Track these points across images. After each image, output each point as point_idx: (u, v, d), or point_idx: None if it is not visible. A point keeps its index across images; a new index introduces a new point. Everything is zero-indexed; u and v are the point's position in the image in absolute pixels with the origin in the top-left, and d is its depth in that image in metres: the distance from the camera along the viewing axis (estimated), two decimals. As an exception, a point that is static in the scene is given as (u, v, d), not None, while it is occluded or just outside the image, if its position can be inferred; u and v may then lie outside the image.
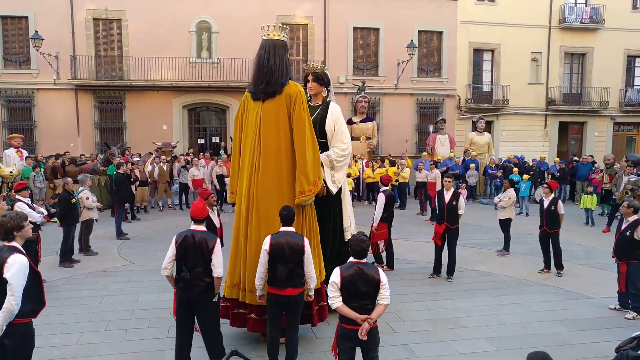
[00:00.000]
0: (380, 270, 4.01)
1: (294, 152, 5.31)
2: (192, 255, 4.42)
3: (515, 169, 15.95)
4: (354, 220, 6.54)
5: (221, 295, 5.12)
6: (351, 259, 4.02)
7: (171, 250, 4.49)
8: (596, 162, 16.34)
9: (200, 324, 4.61)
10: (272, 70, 5.35)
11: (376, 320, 3.92)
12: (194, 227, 4.56)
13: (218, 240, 4.55)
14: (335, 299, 3.90)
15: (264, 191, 5.28)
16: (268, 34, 5.51)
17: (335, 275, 3.93)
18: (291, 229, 4.78)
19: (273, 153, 5.29)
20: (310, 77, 6.20)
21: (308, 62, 6.08)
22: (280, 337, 4.89)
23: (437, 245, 8.18)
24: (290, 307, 4.69)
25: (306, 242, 4.70)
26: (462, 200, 8.20)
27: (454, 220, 8.03)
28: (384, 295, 3.93)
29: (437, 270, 8.19)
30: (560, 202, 8.39)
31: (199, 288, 4.42)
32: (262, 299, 4.86)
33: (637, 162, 14.12)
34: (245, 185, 5.38)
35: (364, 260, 3.99)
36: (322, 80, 6.21)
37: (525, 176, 14.69)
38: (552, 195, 8.39)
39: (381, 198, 8.41)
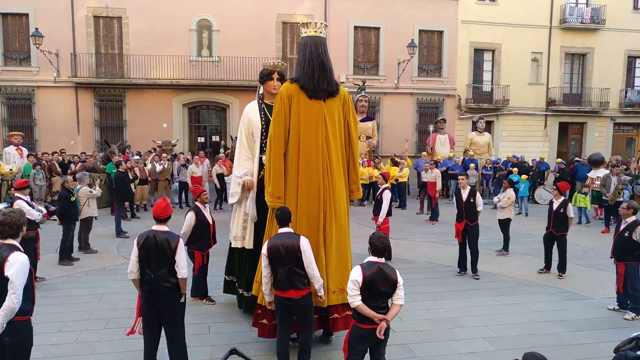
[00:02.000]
0: (397, 270, 4.06)
1: (346, 151, 5.53)
2: (155, 257, 4.29)
3: (515, 169, 15.95)
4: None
5: (187, 298, 4.84)
6: (370, 257, 4.03)
7: (134, 252, 4.34)
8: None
9: (165, 325, 4.47)
10: (331, 69, 5.38)
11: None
12: (155, 227, 4.40)
13: (181, 240, 4.41)
14: (355, 298, 3.90)
15: (338, 191, 5.31)
16: (320, 32, 5.39)
17: (357, 274, 3.92)
18: (289, 230, 4.68)
19: (338, 153, 5.39)
20: (275, 76, 6.01)
21: (267, 60, 5.99)
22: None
23: (460, 243, 8.35)
24: (295, 310, 4.59)
25: (303, 241, 4.54)
26: (479, 197, 8.30)
27: (473, 217, 8.17)
28: (400, 296, 3.99)
29: (462, 268, 8.34)
30: (570, 205, 8.28)
31: (164, 290, 4.31)
32: (272, 305, 4.79)
33: (596, 161, 14.32)
34: (317, 185, 5.18)
35: (383, 260, 4.03)
36: (284, 78, 6.04)
37: (524, 176, 14.68)
38: (562, 198, 8.27)
39: (388, 195, 8.52)
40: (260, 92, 6.18)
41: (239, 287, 6.25)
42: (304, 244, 4.53)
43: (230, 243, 6.28)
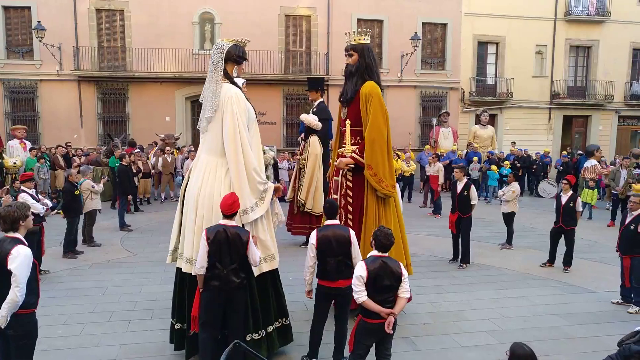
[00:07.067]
0: (401, 263, 4.07)
1: None
2: (227, 251, 4.22)
3: (507, 162, 16.11)
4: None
5: None
6: (374, 252, 4.04)
7: (204, 248, 4.21)
8: (603, 157, 16.30)
9: (230, 320, 4.42)
10: None
11: None
12: (223, 222, 4.29)
13: (251, 234, 4.38)
14: (361, 293, 3.90)
15: None
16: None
17: (362, 269, 3.93)
18: (336, 221, 4.80)
19: None
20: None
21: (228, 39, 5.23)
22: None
23: (453, 234, 8.58)
24: (340, 299, 4.65)
25: (352, 233, 4.68)
26: (473, 190, 8.40)
27: (466, 210, 8.31)
28: (406, 289, 4.00)
29: (456, 256, 8.56)
30: (579, 198, 8.28)
31: (234, 285, 4.26)
32: (310, 294, 4.88)
33: (587, 152, 15.26)
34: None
35: (386, 254, 4.03)
36: None
37: (494, 167, 15.18)
38: (571, 191, 8.24)
39: None
40: (235, 74, 5.12)
41: (258, 328, 4.71)
42: (353, 236, 4.67)
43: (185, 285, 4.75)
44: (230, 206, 4.29)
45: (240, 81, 6.14)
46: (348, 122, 5.79)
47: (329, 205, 4.86)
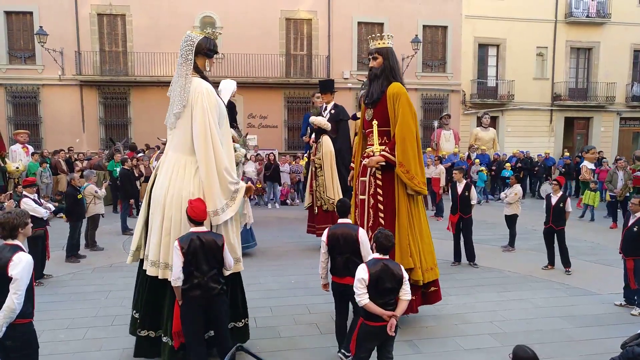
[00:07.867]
0: (402, 266, 4.11)
1: None
2: (204, 259, 4.14)
3: (508, 164, 16.10)
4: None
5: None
6: (375, 254, 4.06)
7: (179, 258, 4.08)
8: (605, 158, 16.29)
9: (215, 327, 4.41)
10: None
11: None
12: (195, 229, 4.18)
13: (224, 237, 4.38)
14: (363, 296, 3.91)
15: None
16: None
17: (363, 272, 3.93)
18: (348, 220, 4.91)
19: None
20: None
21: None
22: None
23: (454, 236, 8.69)
24: (350, 297, 4.63)
25: (361, 232, 4.73)
26: (473, 191, 8.63)
27: (467, 210, 8.51)
28: (406, 291, 4.01)
29: (457, 258, 8.64)
30: (568, 199, 8.35)
31: (215, 291, 4.22)
32: (326, 287, 5.03)
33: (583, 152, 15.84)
34: None
35: (387, 256, 4.05)
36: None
37: (483, 169, 15.65)
38: (561, 192, 8.32)
39: None
40: (208, 68, 5.01)
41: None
42: (362, 235, 4.72)
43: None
44: (204, 212, 4.22)
45: (232, 84, 6.05)
46: (375, 122, 5.88)
47: (340, 204, 5.02)
